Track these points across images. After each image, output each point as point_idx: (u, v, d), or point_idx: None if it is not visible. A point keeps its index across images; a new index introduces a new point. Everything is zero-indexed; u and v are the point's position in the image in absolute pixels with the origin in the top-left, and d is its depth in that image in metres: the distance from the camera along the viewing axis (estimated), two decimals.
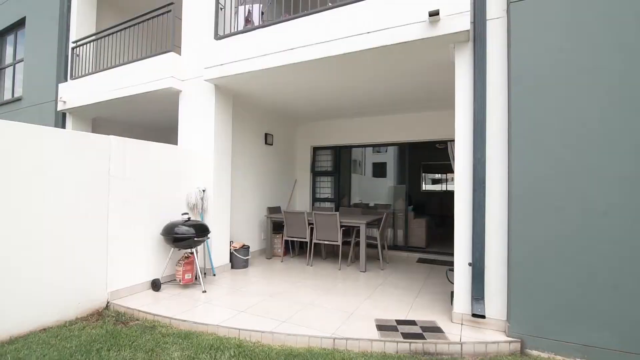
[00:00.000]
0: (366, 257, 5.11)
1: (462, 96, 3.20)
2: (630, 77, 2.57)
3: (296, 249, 6.20)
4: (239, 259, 5.07)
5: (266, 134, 6.44)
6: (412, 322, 3.14)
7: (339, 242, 5.14)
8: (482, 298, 3.03)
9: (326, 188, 7.43)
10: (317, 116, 6.90)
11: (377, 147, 7.20)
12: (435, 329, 3.00)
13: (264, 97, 5.55)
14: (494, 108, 3.05)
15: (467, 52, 3.20)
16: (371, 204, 7.33)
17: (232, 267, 5.08)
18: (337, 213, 5.13)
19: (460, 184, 3.19)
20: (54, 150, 3.23)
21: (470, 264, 3.09)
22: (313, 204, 7.43)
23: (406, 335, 2.87)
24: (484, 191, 3.05)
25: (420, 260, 5.89)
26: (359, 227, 5.07)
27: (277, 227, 6.00)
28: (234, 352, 2.61)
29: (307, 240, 5.42)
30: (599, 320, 2.60)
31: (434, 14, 3.07)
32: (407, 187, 6.66)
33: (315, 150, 7.53)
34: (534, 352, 2.77)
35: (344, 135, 7.05)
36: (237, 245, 5.19)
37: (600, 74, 2.65)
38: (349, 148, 7.27)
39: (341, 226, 5.15)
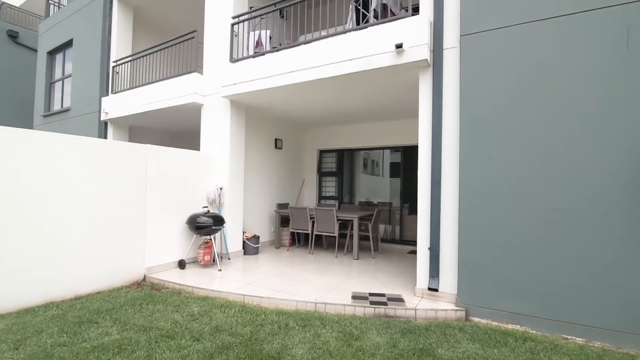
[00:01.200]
0: (361, 248, 5.87)
1: (423, 112, 3.92)
2: (548, 101, 3.21)
3: (301, 241, 7.05)
4: (250, 246, 5.98)
5: (276, 139, 7.32)
6: (382, 295, 3.90)
7: (336, 234, 5.93)
8: (437, 275, 3.75)
9: (331, 187, 8.23)
10: (321, 122, 7.70)
11: (374, 150, 7.87)
12: (399, 300, 3.75)
13: (272, 109, 6.42)
14: (449, 122, 3.75)
15: (428, 76, 3.91)
16: (375, 202, 8.02)
17: (245, 253, 5.99)
18: (334, 208, 5.93)
19: (422, 184, 3.90)
20: (110, 157, 4.23)
21: (429, 248, 3.81)
22: (319, 201, 8.25)
23: (373, 303, 3.63)
24: (439, 190, 3.76)
25: (412, 252, 6.55)
26: (353, 220, 5.84)
27: (285, 221, 6.86)
28: (239, 309, 3.47)
29: (309, 232, 6.24)
30: (524, 293, 3.27)
31: (399, 46, 3.81)
32: (401, 186, 7.33)
33: (321, 152, 8.35)
34: (476, 319, 3.47)
35: (346, 140, 7.82)
36: (249, 235, 6.09)
37: (529, 98, 3.31)
38: (350, 151, 8.03)
39: (338, 220, 5.93)
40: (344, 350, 2.66)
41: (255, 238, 6.11)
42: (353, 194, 8.17)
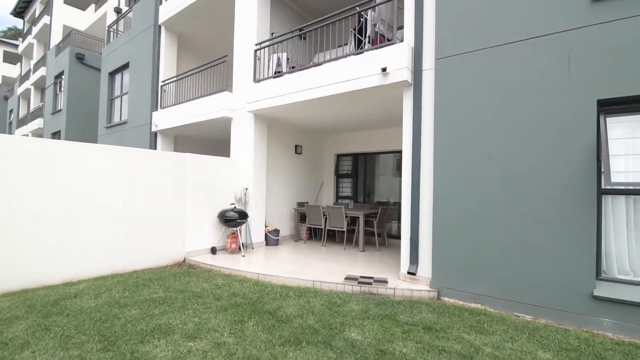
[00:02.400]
0: (370, 242, 6.62)
1: (406, 124, 4.62)
2: (506, 114, 3.81)
3: (318, 235, 7.92)
4: (271, 238, 6.97)
5: (296, 146, 8.27)
6: (370, 277, 4.65)
7: (344, 229, 6.73)
8: (417, 262, 4.44)
9: (347, 187, 9.02)
10: (337, 129, 8.53)
11: (384, 153, 8.49)
12: (383, 281, 4.49)
13: (291, 120, 7.37)
14: (426, 133, 4.43)
15: (410, 93, 4.61)
16: (390, 201, 8.63)
17: (266, 244, 6.99)
18: (343, 206, 6.73)
19: (405, 185, 4.61)
20: (158, 164, 5.41)
21: (409, 239, 4.51)
22: (336, 201, 9.08)
23: (361, 283, 4.40)
24: (418, 190, 4.45)
25: None
26: (359, 217, 6.61)
27: (303, 217, 7.78)
28: (253, 283, 4.43)
29: (323, 227, 7.10)
30: (485, 277, 3.88)
31: (384, 69, 4.56)
32: None
33: (338, 156, 9.18)
34: (445, 299, 4.12)
35: (360, 144, 8.58)
36: (270, 228, 7.08)
37: (489, 111, 3.92)
38: (364, 155, 8.77)
39: (346, 217, 6.73)
40: (325, 311, 3.50)
41: (276, 231, 7.09)
42: (367, 194, 8.89)
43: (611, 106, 3.39)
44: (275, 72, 6.50)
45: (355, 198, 8.80)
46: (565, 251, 3.41)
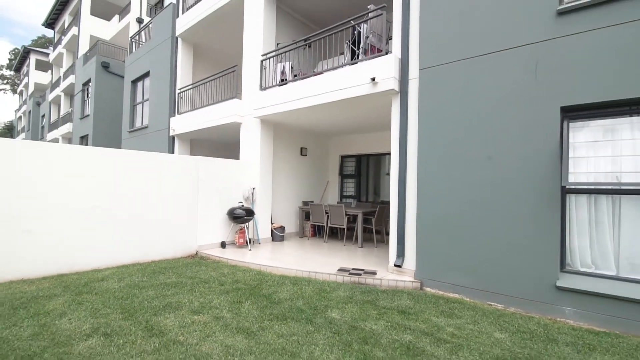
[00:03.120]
0: (369, 238, 7.02)
1: (394, 129, 5.03)
2: (480, 119, 4.16)
3: (322, 232, 8.38)
4: (276, 234, 7.49)
5: (301, 148, 8.77)
6: (361, 269, 5.08)
7: (345, 226, 7.17)
8: (403, 255, 4.84)
9: (351, 187, 9.45)
10: (340, 132, 8.96)
11: (384, 155, 8.87)
12: (372, 273, 4.91)
13: (295, 124, 7.87)
14: (411, 138, 4.82)
15: (397, 100, 5.01)
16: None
17: (272, 240, 7.52)
18: (343, 205, 7.17)
19: (393, 185, 5.01)
20: (173, 166, 6.03)
21: (397, 234, 4.91)
22: (341, 200, 9.52)
23: (351, 274, 4.84)
24: (404, 188, 4.85)
25: None
26: (358, 215, 7.03)
27: (308, 216, 8.26)
28: (255, 273, 4.95)
29: (324, 224, 7.57)
30: (462, 270, 4.24)
31: (373, 79, 4.98)
32: None
33: (343, 158, 9.61)
34: (427, 289, 4.51)
35: (362, 146, 8.99)
36: (276, 225, 7.61)
37: (466, 116, 4.28)
38: (367, 156, 9.17)
39: (346, 215, 7.17)
40: (314, 296, 3.97)
41: (281, 228, 7.61)
42: (369, 193, 9.28)
43: (574, 112, 3.70)
44: (280, 80, 7.01)
45: (359, 197, 9.21)
46: (534, 246, 3.74)
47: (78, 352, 2.48)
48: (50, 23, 25.31)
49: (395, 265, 4.86)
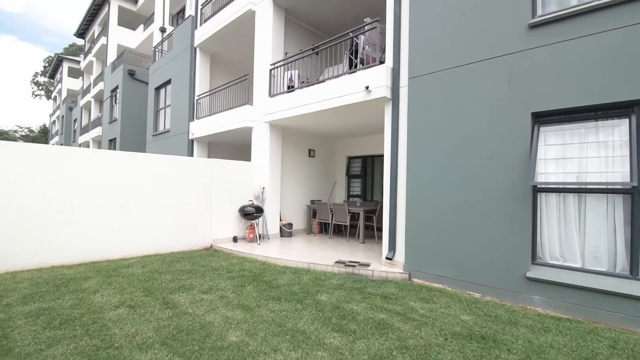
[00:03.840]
0: (372, 235, 7.46)
1: (386, 133, 5.46)
2: (461, 123, 4.54)
3: (328, 229, 8.87)
4: (285, 230, 8.05)
5: (309, 149, 9.30)
6: (356, 262, 5.54)
7: (347, 223, 7.63)
8: (394, 249, 5.27)
9: (357, 187, 9.89)
10: (346, 135, 9.42)
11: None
12: (366, 265, 5.36)
13: (302, 128, 8.40)
14: (402, 141, 5.24)
15: (389, 106, 5.44)
16: None
17: (281, 235, 8.09)
18: (346, 203, 7.64)
19: (386, 185, 5.45)
20: (190, 168, 6.70)
21: (389, 230, 5.35)
22: (348, 199, 9.97)
23: (347, 265, 5.32)
24: (396, 188, 5.28)
25: None
26: (360, 213, 7.49)
27: (315, 214, 8.78)
28: (260, 263, 5.52)
29: (329, 221, 8.06)
30: (445, 262, 4.63)
31: (367, 87, 5.44)
32: None
33: (350, 159, 10.06)
34: (415, 280, 4.92)
35: (367, 148, 9.41)
36: (285, 222, 8.17)
37: (449, 121, 4.67)
38: (372, 157, 9.58)
39: (349, 212, 7.63)
40: (309, 283, 4.47)
41: (289, 225, 8.17)
42: (375, 192, 9.69)
43: (544, 117, 4.03)
44: (288, 87, 7.56)
45: (364, 196, 9.64)
46: (508, 240, 4.10)
47: (109, 317, 3.10)
48: (81, 33, 27.04)
49: (386, 258, 5.30)
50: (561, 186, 3.93)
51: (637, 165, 3.43)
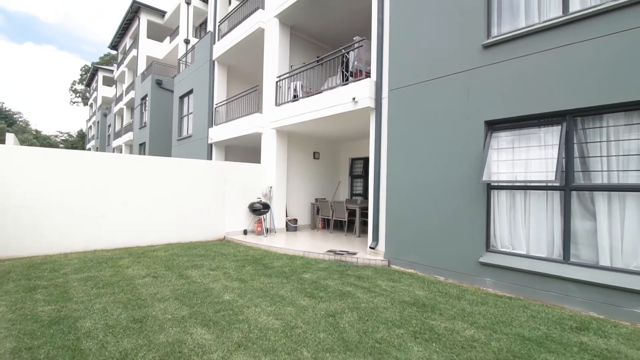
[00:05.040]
0: (365, 230, 8.22)
1: (371, 139, 6.23)
2: (429, 131, 5.25)
3: (331, 225, 9.69)
4: (290, 225, 8.96)
5: (314, 152, 10.17)
6: (345, 251, 6.34)
7: (345, 219, 8.43)
8: (377, 239, 6.03)
9: (359, 186, 10.64)
10: (348, 138, 10.20)
11: None
12: (353, 253, 6.15)
13: (306, 133, 9.27)
14: (383, 145, 6.00)
15: (374, 115, 6.21)
16: None
17: (287, 230, 9.00)
18: (344, 201, 8.43)
19: (371, 183, 6.21)
20: (205, 170, 7.75)
21: (373, 223, 6.11)
22: (351, 197, 10.75)
23: (336, 254, 6.13)
24: (379, 186, 6.04)
25: None
26: (356, 209, 8.26)
27: (319, 210, 9.63)
28: (263, 251, 6.45)
29: (330, 217, 8.88)
30: (417, 250, 5.35)
31: (354, 99, 6.23)
32: None
33: (352, 160, 10.84)
34: (393, 266, 5.66)
35: (368, 150, 10.13)
36: (290, 218, 9.08)
37: (421, 132, 5.39)
38: None
39: (347, 209, 8.42)
40: (299, 266, 5.33)
41: (294, 220, 9.06)
42: None
43: (495, 125, 4.68)
44: (294, 96, 8.46)
45: (365, 195, 10.39)
46: (466, 231, 4.78)
47: (137, 283, 4.11)
48: (114, 45, 29.30)
49: (370, 248, 6.08)
50: (509, 184, 4.57)
51: (562, 166, 4.05)
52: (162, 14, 22.37)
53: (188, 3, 19.25)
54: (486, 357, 2.61)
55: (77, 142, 53.76)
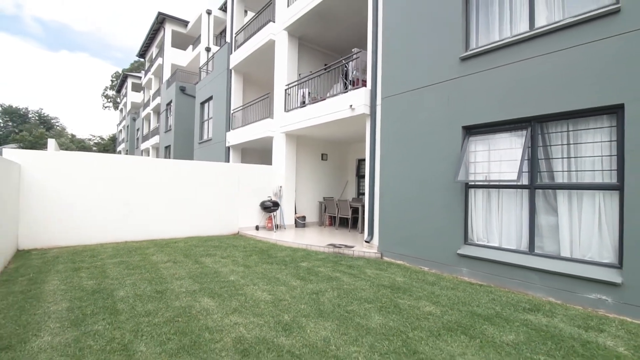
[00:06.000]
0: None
1: (367, 141, 6.82)
2: (417, 135, 5.80)
3: (338, 222, 10.34)
4: (298, 222, 9.68)
5: (322, 154, 10.84)
6: (344, 244, 6.97)
7: (349, 216, 9.05)
8: (372, 234, 6.62)
9: (365, 186, 11.19)
10: (355, 140, 10.79)
11: None
12: (350, 247, 6.77)
13: (313, 136, 9.95)
14: (377, 148, 6.58)
15: (369, 121, 6.80)
16: None
17: (295, 226, 9.72)
18: (348, 200, 9.05)
19: (367, 183, 6.81)
20: (221, 172, 8.60)
21: (368, 219, 6.71)
22: (358, 196, 11.34)
23: (335, 247, 6.77)
24: (373, 186, 6.63)
25: None
26: (359, 207, 8.86)
27: (326, 208, 10.28)
28: (271, 244, 7.19)
29: (336, 215, 9.52)
30: (406, 243, 5.91)
31: (351, 106, 6.85)
32: None
33: (359, 161, 11.42)
34: (385, 258, 6.24)
35: None
36: (299, 215, 9.79)
37: (409, 136, 5.95)
38: None
39: (350, 207, 9.04)
40: (299, 256, 6.02)
41: (303, 217, 9.77)
42: None
43: (471, 129, 5.18)
44: (302, 102, 9.17)
45: None
46: (447, 226, 5.31)
47: (160, 266, 4.94)
48: (141, 54, 31.16)
49: (365, 241, 6.68)
50: (483, 183, 5.06)
51: (525, 167, 4.53)
52: (185, 23, 23.73)
53: (209, 13, 20.42)
54: (434, 326, 3.20)
55: (109, 144, 57.00)
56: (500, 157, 4.93)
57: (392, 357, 2.57)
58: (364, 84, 7.11)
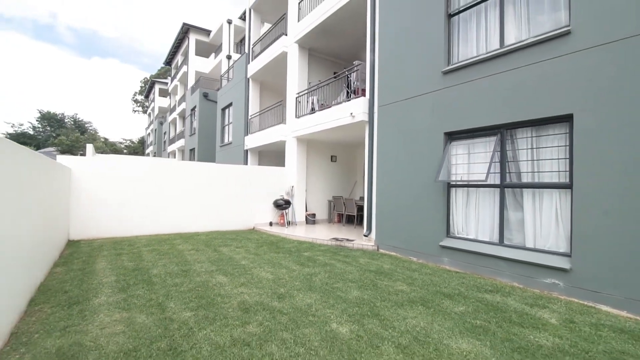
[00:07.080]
0: None
1: (366, 145, 7.57)
2: (409, 141, 6.50)
3: (346, 219, 11.10)
4: (309, 219, 10.53)
5: (331, 155, 11.64)
6: (346, 238, 7.75)
7: (355, 214, 9.80)
8: (370, 228, 7.37)
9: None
10: (362, 143, 11.50)
11: None
12: (351, 240, 7.54)
13: (321, 140, 10.76)
14: (375, 151, 7.32)
15: (367, 127, 7.54)
16: None
17: (306, 223, 10.58)
18: (353, 199, 9.80)
19: (366, 182, 7.56)
20: (235, 173, 9.60)
21: (367, 216, 7.46)
22: None
23: (336, 240, 7.56)
24: (372, 185, 7.37)
25: None
26: (363, 205, 9.59)
27: (335, 206, 11.08)
28: (280, 237, 8.09)
29: (343, 212, 10.31)
30: (398, 237, 6.62)
31: (352, 113, 7.62)
32: None
33: None
34: (381, 250, 6.97)
35: None
36: (309, 212, 10.65)
37: (401, 141, 6.66)
38: None
39: (356, 205, 9.79)
40: (304, 247, 6.87)
41: (313, 215, 10.62)
42: None
43: (452, 135, 5.83)
44: (311, 109, 10.01)
45: None
46: (432, 221, 5.99)
47: (185, 253, 5.93)
48: (168, 62, 33.08)
49: (364, 235, 7.44)
50: (464, 183, 5.71)
51: (495, 168, 5.15)
52: (207, 32, 25.18)
53: (229, 22, 21.67)
54: (400, 299, 3.94)
55: (138, 147, 60.20)
56: (475, 159, 5.57)
57: (357, 317, 3.36)
58: (364, 94, 7.86)
